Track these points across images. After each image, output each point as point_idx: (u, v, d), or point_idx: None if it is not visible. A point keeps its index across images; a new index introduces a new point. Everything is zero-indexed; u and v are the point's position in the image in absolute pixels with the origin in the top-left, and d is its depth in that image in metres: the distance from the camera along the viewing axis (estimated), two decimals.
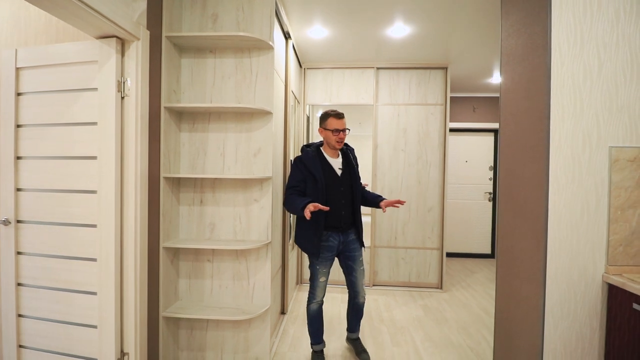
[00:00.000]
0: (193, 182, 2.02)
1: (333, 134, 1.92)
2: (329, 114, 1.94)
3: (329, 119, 1.93)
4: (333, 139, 1.93)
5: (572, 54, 1.41)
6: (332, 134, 1.92)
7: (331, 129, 1.92)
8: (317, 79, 3.37)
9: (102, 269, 1.60)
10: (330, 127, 1.92)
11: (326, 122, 1.94)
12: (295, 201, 1.82)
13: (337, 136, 1.92)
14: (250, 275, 2.03)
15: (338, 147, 1.96)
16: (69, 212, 1.66)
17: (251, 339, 2.02)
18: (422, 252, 3.33)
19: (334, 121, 1.91)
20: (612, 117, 1.41)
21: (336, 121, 1.91)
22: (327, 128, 1.94)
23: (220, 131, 2.01)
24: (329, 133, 1.93)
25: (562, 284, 1.42)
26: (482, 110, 4.45)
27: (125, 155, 1.63)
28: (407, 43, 2.84)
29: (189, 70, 2.00)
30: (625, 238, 1.41)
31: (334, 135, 1.92)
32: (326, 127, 1.94)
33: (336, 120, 1.91)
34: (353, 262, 1.99)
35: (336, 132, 1.92)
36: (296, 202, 1.81)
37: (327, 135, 1.95)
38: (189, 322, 2.03)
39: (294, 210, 1.84)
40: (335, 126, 1.91)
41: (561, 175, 1.42)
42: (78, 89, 1.65)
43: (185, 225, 2.04)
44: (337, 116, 1.92)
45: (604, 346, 1.41)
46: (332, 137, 1.93)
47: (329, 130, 1.93)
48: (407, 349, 2.22)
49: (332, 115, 1.92)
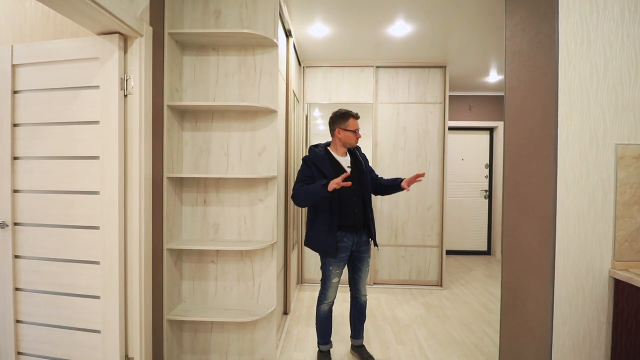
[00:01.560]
0: (196, 182, 1.98)
1: (353, 134, 1.94)
2: (350, 114, 1.94)
3: (349, 119, 1.93)
4: (354, 138, 1.95)
5: (579, 52, 1.43)
6: (353, 134, 1.94)
7: (352, 130, 1.94)
8: (316, 78, 3.35)
9: (105, 272, 1.56)
10: (352, 128, 1.94)
11: (347, 122, 1.93)
12: (309, 188, 1.78)
13: (356, 135, 1.96)
14: (255, 276, 2.00)
15: (354, 146, 2.00)
16: (70, 214, 1.61)
17: (257, 341, 2.00)
18: (422, 250, 3.35)
19: (354, 122, 1.95)
20: (618, 115, 1.43)
21: (356, 122, 1.95)
22: (347, 129, 1.94)
23: (224, 130, 1.97)
24: (350, 134, 1.94)
25: (570, 279, 1.44)
26: (478, 109, 4.50)
27: (129, 154, 1.59)
28: (407, 42, 2.85)
29: (191, 68, 1.96)
30: (631, 234, 1.43)
31: (355, 135, 1.95)
32: (347, 128, 1.94)
33: (355, 121, 1.95)
34: (360, 262, 1.99)
35: (355, 133, 1.95)
36: (311, 188, 1.77)
37: (346, 136, 1.94)
38: (193, 324, 1.99)
39: (312, 194, 1.77)
40: (356, 127, 1.95)
41: (569, 172, 1.43)
42: (78, 87, 1.60)
43: (188, 226, 2.00)
44: (357, 116, 1.96)
45: (611, 340, 1.44)
46: (352, 137, 1.95)
47: (349, 131, 1.93)
48: (412, 347, 2.22)
49: (353, 116, 1.95)
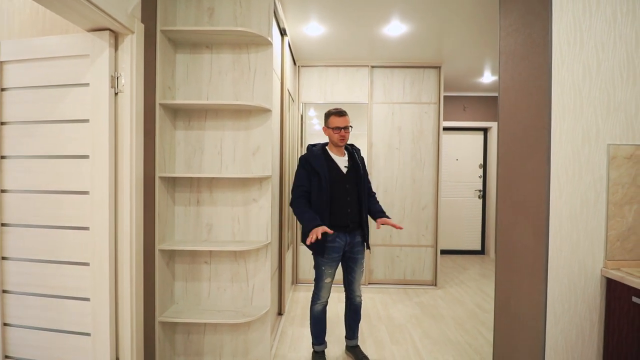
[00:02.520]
0: (189, 182, 1.96)
1: (334, 132, 1.91)
2: (331, 112, 1.94)
3: (330, 117, 1.93)
4: (335, 136, 1.92)
5: (572, 53, 1.44)
6: (333, 132, 1.92)
7: (332, 127, 1.91)
8: (311, 77, 3.34)
9: (95, 274, 1.53)
10: (332, 125, 1.92)
11: (328, 120, 1.94)
12: (305, 214, 1.84)
13: (339, 134, 1.91)
14: (249, 277, 1.99)
15: (341, 145, 1.95)
16: (59, 214, 1.58)
17: (251, 342, 1.98)
18: (417, 249, 3.36)
19: (335, 119, 1.91)
20: (610, 115, 1.44)
21: (337, 119, 1.91)
22: (329, 126, 1.93)
23: (218, 129, 1.95)
24: (331, 131, 1.92)
25: (563, 278, 1.45)
26: (472, 110, 4.53)
27: (120, 154, 1.56)
28: (402, 42, 2.85)
29: (184, 66, 1.93)
30: (622, 233, 1.44)
31: (336, 133, 1.92)
32: (328, 126, 1.94)
33: (337, 118, 1.91)
34: (354, 263, 1.98)
35: (337, 130, 1.91)
36: (305, 217, 1.84)
37: (329, 134, 1.94)
38: (185, 326, 1.97)
39: (302, 223, 1.88)
40: (337, 124, 1.91)
41: (562, 172, 1.44)
42: (68, 85, 1.56)
43: (181, 227, 1.97)
44: (338, 114, 1.92)
45: (603, 339, 1.45)
46: (333, 135, 1.92)
47: (330, 129, 1.92)
48: (407, 346, 2.22)
49: (334, 114, 1.92)
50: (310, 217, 1.81)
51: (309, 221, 1.80)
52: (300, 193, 1.90)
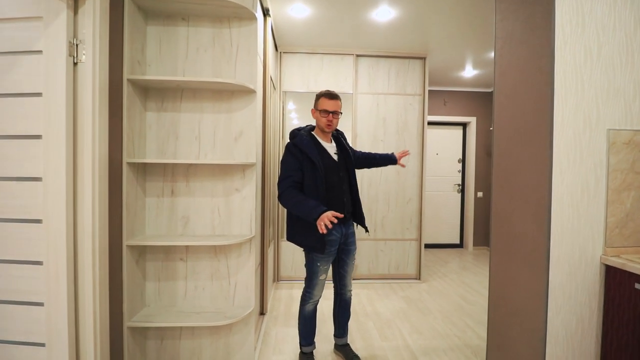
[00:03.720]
0: (162, 170, 1.75)
1: (322, 115, 1.76)
2: (322, 93, 1.78)
3: (320, 98, 1.77)
4: (322, 120, 1.76)
5: (574, 34, 1.39)
6: (320, 114, 1.77)
7: (320, 109, 1.76)
8: (294, 64, 3.18)
9: (50, 274, 1.31)
10: (320, 107, 1.76)
11: (318, 101, 1.77)
12: (304, 204, 1.59)
13: (326, 118, 1.75)
14: (231, 274, 1.81)
15: (327, 131, 1.79)
16: (5, 204, 1.33)
17: (233, 346, 1.81)
18: (401, 243, 3.31)
19: (325, 101, 1.75)
20: (610, 99, 1.41)
21: (327, 101, 1.75)
22: (317, 108, 1.78)
23: (195, 111, 1.76)
24: (318, 114, 1.77)
25: (564, 267, 1.40)
26: (452, 104, 4.56)
27: (80, 134, 1.34)
28: (390, 28, 2.76)
29: (156, 40, 1.72)
30: (621, 220, 1.42)
31: (323, 117, 1.76)
32: (317, 108, 1.78)
33: (327, 101, 1.75)
34: (347, 255, 1.86)
35: (325, 114, 1.75)
36: (304, 205, 1.58)
37: (317, 117, 1.79)
38: (158, 331, 1.76)
39: (303, 213, 1.61)
40: (325, 107, 1.75)
41: (563, 157, 1.39)
42: (16, 52, 1.32)
43: (153, 220, 1.76)
44: (329, 96, 1.76)
45: (602, 327, 1.43)
46: (321, 118, 1.77)
47: (318, 111, 1.77)
48: (397, 342, 2.14)
49: (324, 95, 1.76)
50: (312, 204, 1.58)
51: (312, 208, 1.56)
52: (290, 183, 1.69)
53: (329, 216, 1.51)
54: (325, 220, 1.51)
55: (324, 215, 1.52)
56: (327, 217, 1.51)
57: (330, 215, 1.51)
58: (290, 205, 1.66)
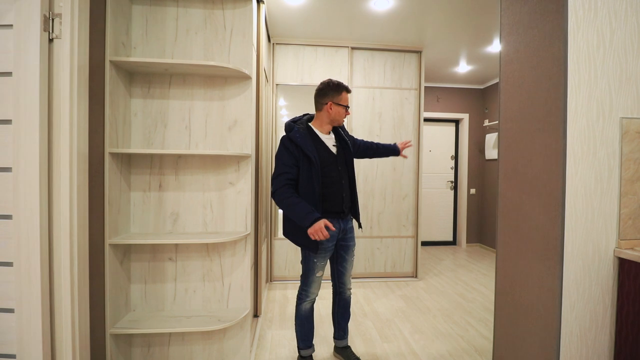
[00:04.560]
0: (150, 161, 1.61)
1: (345, 111, 1.71)
2: (342, 87, 1.68)
3: (343, 93, 1.68)
4: (342, 114, 1.70)
5: (587, 19, 1.33)
6: (345, 110, 1.70)
7: (345, 105, 1.70)
8: (287, 56, 3.06)
9: (21, 277, 1.16)
10: (345, 103, 1.69)
11: (339, 96, 1.67)
12: (297, 206, 1.53)
13: (346, 112, 1.72)
14: (224, 275, 1.69)
15: (340, 124, 1.76)
16: None
17: (227, 351, 1.69)
18: (397, 241, 3.23)
19: (346, 96, 1.70)
20: (622, 87, 1.36)
21: (348, 96, 1.72)
22: (340, 103, 1.68)
23: (185, 98, 1.63)
24: (341, 109, 1.69)
25: (578, 261, 1.35)
26: (445, 101, 4.53)
27: (55, 119, 1.20)
28: (386, 20, 2.68)
29: (142, 20, 1.58)
30: (634, 211, 1.38)
31: (346, 112, 1.72)
32: (340, 102, 1.67)
33: (347, 95, 1.72)
34: (346, 252, 1.75)
35: (345, 109, 1.71)
36: (298, 209, 1.52)
37: (338, 112, 1.68)
38: (145, 338, 1.62)
39: (295, 218, 1.55)
40: (347, 102, 1.71)
41: (577, 147, 1.34)
42: None
43: (138, 216, 1.62)
44: (349, 90, 1.73)
45: (615, 323, 1.38)
46: (344, 114, 1.71)
47: (341, 106, 1.68)
48: (398, 343, 2.06)
49: (345, 89, 1.69)
50: (304, 211, 1.52)
51: (304, 214, 1.51)
52: (284, 181, 1.59)
53: (322, 228, 1.48)
54: (319, 234, 1.49)
55: (317, 225, 1.49)
56: (320, 229, 1.48)
57: (323, 227, 1.49)
58: (284, 206, 1.59)
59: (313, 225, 1.48)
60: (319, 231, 1.47)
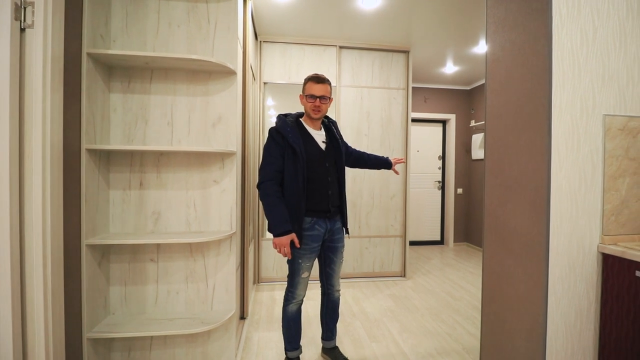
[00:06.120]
0: (130, 158, 1.55)
1: (308, 100, 1.62)
2: (309, 77, 1.63)
3: (307, 83, 1.62)
4: (308, 106, 1.62)
5: (570, 17, 1.35)
6: (307, 100, 1.62)
7: (307, 94, 1.62)
8: (274, 54, 3.03)
9: None
10: (307, 92, 1.62)
11: (305, 86, 1.63)
12: (274, 209, 1.54)
13: (313, 103, 1.61)
14: (209, 276, 1.64)
15: (315, 117, 1.65)
16: None
17: (211, 354, 1.64)
18: (386, 240, 3.23)
19: (312, 86, 1.60)
20: (605, 84, 1.39)
21: (314, 86, 1.60)
22: (304, 94, 1.64)
23: (167, 93, 1.58)
24: (305, 99, 1.63)
25: (563, 258, 1.35)
26: (432, 102, 4.57)
27: (27, 113, 1.14)
28: (374, 18, 2.68)
29: (122, 13, 1.53)
30: (616, 207, 1.40)
31: (309, 102, 1.61)
32: (304, 93, 1.64)
33: (314, 85, 1.60)
34: (334, 253, 1.72)
35: (312, 99, 1.60)
36: (274, 212, 1.53)
37: (304, 103, 1.64)
38: (125, 342, 1.56)
39: (269, 219, 1.56)
40: (312, 91, 1.60)
41: (562, 144, 1.35)
42: None
43: (118, 216, 1.56)
44: (317, 80, 1.61)
45: (599, 318, 1.39)
46: (307, 104, 1.63)
47: (305, 96, 1.63)
48: (387, 343, 2.04)
49: (312, 79, 1.61)
50: (279, 217, 1.52)
51: (278, 221, 1.52)
52: (270, 174, 1.56)
53: (287, 245, 1.53)
54: (282, 250, 1.53)
55: (284, 240, 1.52)
56: (285, 245, 1.53)
57: (287, 245, 1.53)
58: (264, 202, 1.57)
59: (281, 237, 1.51)
60: (282, 247, 1.52)
